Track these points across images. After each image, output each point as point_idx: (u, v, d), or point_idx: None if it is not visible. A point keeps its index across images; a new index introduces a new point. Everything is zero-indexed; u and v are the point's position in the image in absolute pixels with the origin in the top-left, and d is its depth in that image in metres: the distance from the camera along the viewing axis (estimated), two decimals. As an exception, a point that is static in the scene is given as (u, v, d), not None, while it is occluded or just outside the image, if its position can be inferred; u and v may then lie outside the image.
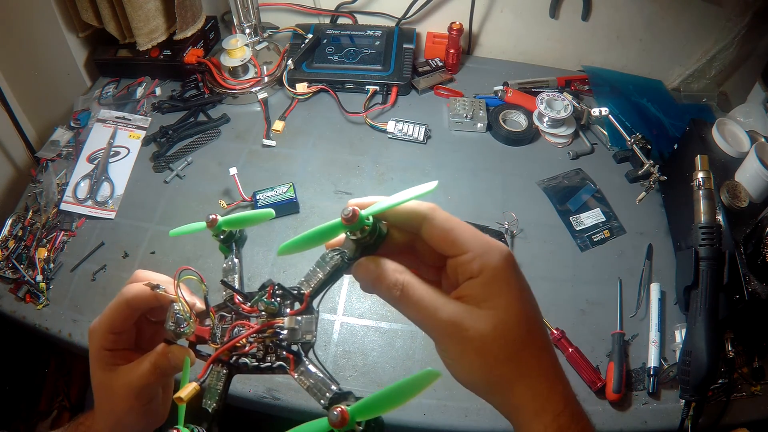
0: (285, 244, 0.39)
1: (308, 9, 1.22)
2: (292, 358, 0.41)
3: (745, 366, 0.77)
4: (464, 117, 1.06)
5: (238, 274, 0.49)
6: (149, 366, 0.46)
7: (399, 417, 0.72)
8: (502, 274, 0.38)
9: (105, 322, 0.47)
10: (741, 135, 0.91)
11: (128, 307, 0.47)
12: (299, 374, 0.41)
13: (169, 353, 0.46)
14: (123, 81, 1.15)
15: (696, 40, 1.13)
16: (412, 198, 0.39)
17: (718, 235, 0.75)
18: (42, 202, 0.94)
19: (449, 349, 0.38)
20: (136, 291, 0.47)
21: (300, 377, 0.41)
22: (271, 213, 0.48)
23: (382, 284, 0.38)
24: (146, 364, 0.47)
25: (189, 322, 0.44)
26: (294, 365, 0.41)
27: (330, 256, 0.41)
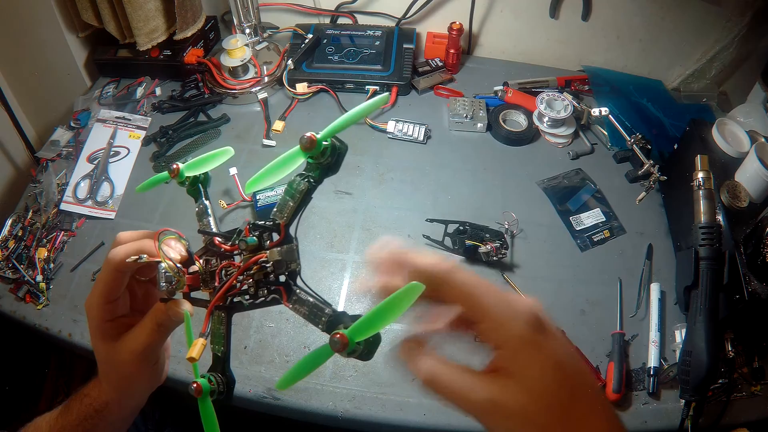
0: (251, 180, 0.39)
1: (308, 9, 1.22)
2: (283, 289, 0.42)
3: (745, 366, 0.77)
4: (464, 117, 1.06)
5: (212, 216, 0.50)
6: (151, 326, 0.47)
7: (399, 417, 0.72)
8: (529, 341, 0.36)
9: (100, 294, 0.48)
10: (741, 135, 0.91)
11: (117, 272, 0.47)
12: (293, 303, 0.42)
13: (168, 309, 0.46)
14: (123, 81, 1.15)
15: (696, 40, 1.13)
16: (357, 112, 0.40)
17: (718, 235, 0.75)
18: (42, 202, 0.94)
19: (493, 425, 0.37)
20: (122, 254, 0.46)
21: (294, 306, 0.42)
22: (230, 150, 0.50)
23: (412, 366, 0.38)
24: (148, 325, 0.47)
25: (179, 278, 0.45)
26: (287, 296, 0.42)
27: (297, 182, 0.42)
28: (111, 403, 0.52)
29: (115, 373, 0.50)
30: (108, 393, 0.52)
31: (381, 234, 0.91)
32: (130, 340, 0.48)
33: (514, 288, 0.84)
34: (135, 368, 0.49)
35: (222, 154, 0.50)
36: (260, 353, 0.77)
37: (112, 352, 0.48)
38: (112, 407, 0.52)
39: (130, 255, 0.46)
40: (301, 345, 0.78)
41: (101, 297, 0.48)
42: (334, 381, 0.75)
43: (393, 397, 0.74)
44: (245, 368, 0.76)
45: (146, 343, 0.47)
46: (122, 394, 0.52)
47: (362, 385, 0.75)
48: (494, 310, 0.37)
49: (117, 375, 0.50)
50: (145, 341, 0.47)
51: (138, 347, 0.47)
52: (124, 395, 0.52)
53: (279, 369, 0.76)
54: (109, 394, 0.52)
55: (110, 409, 0.52)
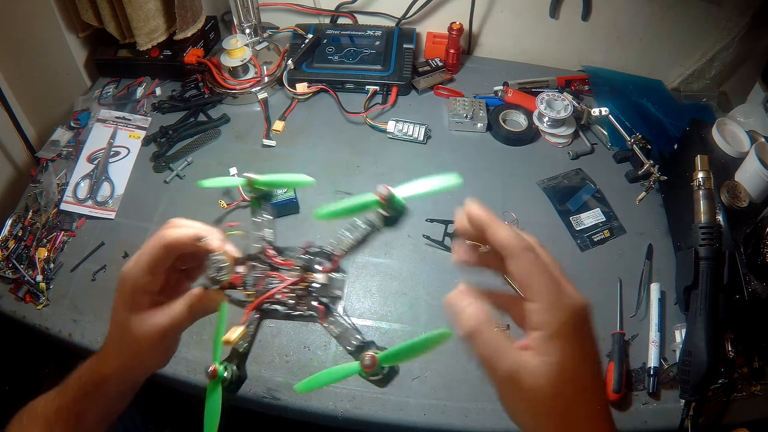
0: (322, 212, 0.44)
1: (308, 9, 1.22)
2: (322, 309, 0.47)
3: (745, 366, 0.77)
4: (464, 117, 1.06)
5: (271, 229, 0.53)
6: (183, 308, 0.49)
7: (399, 417, 0.72)
8: (566, 332, 0.39)
9: (143, 264, 0.49)
10: (741, 135, 0.91)
11: (166, 249, 0.49)
12: (328, 324, 0.47)
13: (206, 296, 0.49)
14: (123, 81, 1.15)
15: (696, 40, 1.13)
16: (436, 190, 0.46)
17: (718, 235, 0.75)
18: (42, 202, 0.94)
19: (505, 395, 0.40)
20: (176, 235, 0.49)
21: (329, 326, 0.47)
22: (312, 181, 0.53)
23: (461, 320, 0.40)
24: (180, 306, 0.49)
25: (229, 271, 0.49)
26: (324, 316, 0.47)
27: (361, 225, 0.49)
28: (112, 375, 0.52)
29: (128, 345, 0.51)
30: (110, 365, 0.52)
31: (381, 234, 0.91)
32: (157, 315, 0.49)
33: (514, 288, 0.84)
34: (151, 344, 0.49)
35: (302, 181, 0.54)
36: (260, 353, 0.77)
37: (134, 323, 0.49)
38: (111, 380, 0.52)
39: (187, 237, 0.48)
40: (301, 345, 0.78)
41: (144, 267, 0.49)
42: (334, 381, 0.75)
43: (393, 397, 0.74)
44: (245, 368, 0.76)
45: (173, 322, 0.49)
46: (126, 367, 0.52)
47: (362, 385, 0.75)
48: (546, 293, 0.39)
49: (130, 347, 0.51)
50: (172, 320, 0.49)
51: (163, 324, 0.49)
52: (127, 369, 0.52)
53: (279, 369, 0.76)
54: (111, 366, 0.52)
55: (109, 383, 0.52)
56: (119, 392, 0.53)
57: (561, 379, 0.38)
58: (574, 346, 0.39)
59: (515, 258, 0.41)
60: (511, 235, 0.42)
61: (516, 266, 0.41)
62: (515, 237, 0.42)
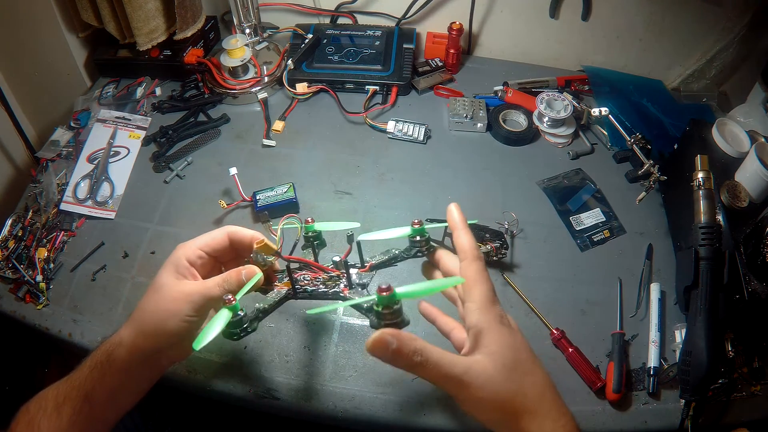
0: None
1: (308, 9, 1.22)
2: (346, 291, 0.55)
3: (745, 366, 0.77)
4: (464, 117, 1.06)
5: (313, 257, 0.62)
6: (218, 281, 0.54)
7: (399, 417, 0.72)
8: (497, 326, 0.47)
9: (199, 240, 0.57)
10: (741, 135, 0.91)
11: (225, 234, 0.57)
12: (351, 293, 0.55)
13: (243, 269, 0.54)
14: (123, 81, 1.15)
15: (696, 40, 1.13)
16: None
17: (718, 235, 0.75)
18: (42, 202, 0.94)
19: (467, 395, 0.45)
20: (238, 229, 0.58)
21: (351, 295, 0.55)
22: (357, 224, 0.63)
23: (402, 354, 0.44)
24: (215, 280, 0.54)
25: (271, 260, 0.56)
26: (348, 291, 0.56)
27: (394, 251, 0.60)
28: (124, 341, 0.54)
29: (155, 304, 0.54)
30: (127, 330, 0.54)
31: (381, 234, 0.91)
32: (190, 284, 0.54)
33: (514, 288, 0.84)
34: (177, 306, 0.52)
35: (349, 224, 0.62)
36: (260, 353, 0.77)
37: (170, 284, 0.54)
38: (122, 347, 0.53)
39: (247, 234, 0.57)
40: (301, 345, 0.78)
41: (200, 242, 0.57)
42: (334, 381, 0.75)
43: (393, 397, 0.74)
44: (245, 368, 0.76)
45: (203, 292, 0.53)
46: (141, 332, 0.54)
47: (362, 385, 0.75)
48: (482, 296, 0.48)
49: (157, 306, 0.53)
50: (204, 290, 0.53)
51: (194, 289, 0.53)
52: (141, 335, 0.53)
53: (279, 369, 0.76)
54: (128, 331, 0.54)
55: (120, 350, 0.53)
56: (130, 364, 0.53)
57: (506, 366, 0.46)
58: (507, 337, 0.47)
59: (468, 262, 0.50)
60: (471, 244, 0.51)
61: (466, 270, 0.49)
62: (473, 247, 0.50)
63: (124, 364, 0.53)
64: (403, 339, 0.44)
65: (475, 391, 0.44)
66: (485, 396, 0.45)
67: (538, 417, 0.45)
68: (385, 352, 0.43)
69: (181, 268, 0.55)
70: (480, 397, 0.45)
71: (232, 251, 0.59)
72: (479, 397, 0.45)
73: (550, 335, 0.79)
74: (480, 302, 0.48)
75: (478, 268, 0.49)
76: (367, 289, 0.56)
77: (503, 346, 0.46)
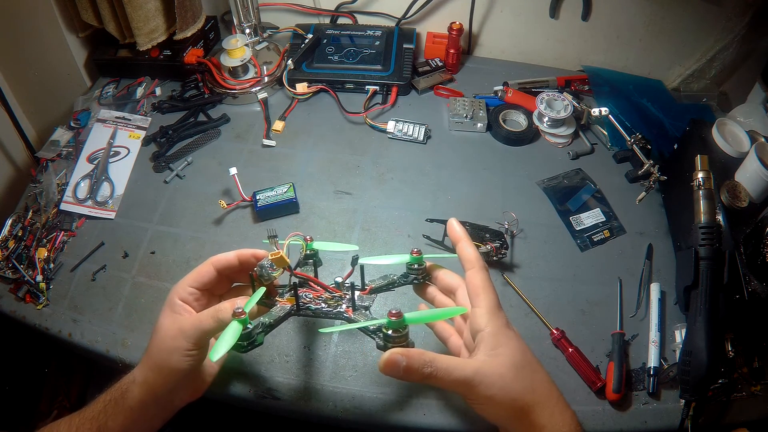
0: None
1: (308, 9, 1.22)
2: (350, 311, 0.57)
3: (745, 366, 0.77)
4: (464, 117, 1.06)
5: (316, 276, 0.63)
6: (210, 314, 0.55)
7: (399, 417, 0.72)
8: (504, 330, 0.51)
9: (188, 277, 0.59)
10: (741, 135, 0.91)
11: (210, 266, 0.59)
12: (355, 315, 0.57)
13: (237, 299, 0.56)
14: (123, 81, 1.15)
15: (696, 40, 1.13)
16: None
17: (718, 235, 0.75)
18: (42, 202, 0.94)
19: (479, 394, 0.48)
20: (221, 256, 0.59)
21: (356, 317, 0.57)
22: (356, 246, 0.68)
23: (412, 369, 0.47)
24: (207, 313, 0.55)
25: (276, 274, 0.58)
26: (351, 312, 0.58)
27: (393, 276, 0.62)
28: (137, 380, 0.56)
29: (157, 343, 0.56)
30: (139, 371, 0.56)
31: (381, 234, 0.91)
32: (185, 319, 0.56)
33: (514, 288, 0.84)
34: (175, 343, 0.54)
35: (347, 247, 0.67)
36: (260, 353, 0.77)
37: (166, 323, 0.56)
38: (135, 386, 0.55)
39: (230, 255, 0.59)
40: (301, 345, 0.78)
41: (188, 280, 0.58)
42: (334, 381, 0.75)
43: (393, 397, 0.74)
44: (245, 368, 0.76)
45: (197, 325, 0.54)
46: (151, 368, 0.55)
47: (362, 385, 0.75)
48: (489, 302, 0.52)
49: (158, 345, 0.55)
50: (197, 323, 0.54)
51: (188, 326, 0.54)
52: (152, 371, 0.55)
53: (279, 369, 0.76)
54: (139, 371, 0.56)
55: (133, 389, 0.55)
56: (142, 402, 0.55)
57: (515, 365, 0.49)
58: (514, 340, 0.51)
59: (475, 271, 0.53)
60: (477, 254, 0.54)
61: (473, 278, 0.53)
62: (479, 258, 0.54)
63: (137, 402, 0.55)
64: (412, 355, 0.47)
65: (486, 390, 0.47)
66: (496, 393, 0.48)
67: (547, 410, 0.49)
68: (397, 371, 0.47)
69: (175, 307, 0.57)
70: (490, 395, 0.48)
71: (223, 280, 0.61)
72: (490, 395, 0.48)
73: (550, 335, 0.79)
74: (487, 308, 0.51)
75: (484, 277, 0.53)
76: (369, 310, 0.58)
77: (512, 348, 0.50)
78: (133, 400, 0.55)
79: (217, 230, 0.91)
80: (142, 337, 0.79)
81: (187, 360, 0.54)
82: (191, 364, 0.55)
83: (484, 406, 0.49)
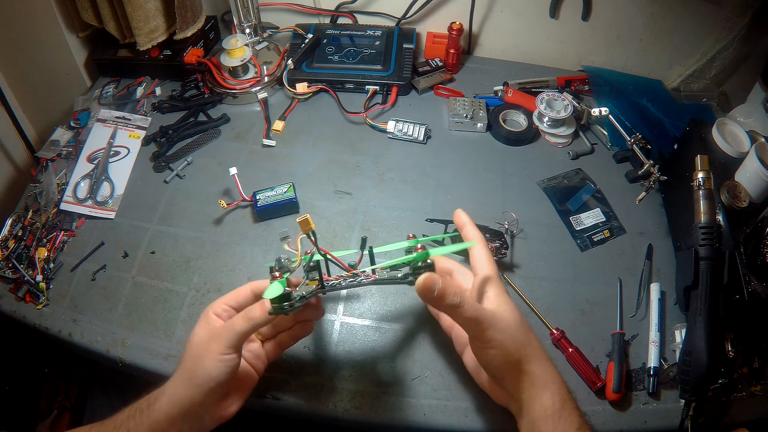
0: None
1: (308, 9, 1.22)
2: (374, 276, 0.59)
3: (745, 366, 0.77)
4: (464, 117, 1.06)
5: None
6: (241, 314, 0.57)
7: (399, 417, 0.72)
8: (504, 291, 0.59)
9: (226, 296, 0.61)
10: (741, 135, 0.91)
11: (250, 290, 0.62)
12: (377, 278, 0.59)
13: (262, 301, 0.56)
14: (123, 81, 1.15)
15: (696, 40, 1.13)
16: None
17: (718, 235, 0.75)
18: (42, 202, 0.94)
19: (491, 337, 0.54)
20: (259, 282, 0.62)
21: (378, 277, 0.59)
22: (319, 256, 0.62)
23: (445, 293, 0.52)
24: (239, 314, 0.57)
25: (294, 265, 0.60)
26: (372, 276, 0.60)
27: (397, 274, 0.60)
28: (166, 390, 0.56)
29: (189, 353, 0.57)
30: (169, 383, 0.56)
31: (381, 234, 0.91)
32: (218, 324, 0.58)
33: (514, 288, 0.84)
34: (204, 348, 0.55)
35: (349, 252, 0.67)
36: (260, 353, 0.77)
37: (200, 334, 0.58)
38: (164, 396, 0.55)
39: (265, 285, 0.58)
40: (301, 345, 0.78)
41: (227, 296, 0.61)
42: (334, 381, 0.75)
43: (393, 397, 0.74)
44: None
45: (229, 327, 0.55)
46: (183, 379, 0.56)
47: (362, 385, 0.75)
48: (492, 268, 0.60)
49: (190, 354, 0.57)
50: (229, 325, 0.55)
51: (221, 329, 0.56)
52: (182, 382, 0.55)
53: (279, 369, 0.75)
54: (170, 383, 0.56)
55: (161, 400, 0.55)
56: (168, 415, 0.54)
57: (518, 321, 0.57)
58: (513, 303, 0.58)
59: (479, 247, 0.61)
60: (478, 234, 0.62)
61: (478, 252, 0.61)
62: (481, 237, 0.62)
63: (163, 414, 0.54)
64: (447, 281, 0.52)
65: (499, 333, 0.54)
66: (505, 339, 0.54)
67: (541, 364, 0.57)
68: (431, 293, 0.51)
69: (210, 320, 0.59)
70: (501, 339, 0.54)
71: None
72: (501, 339, 0.54)
73: (550, 335, 0.79)
74: (491, 275, 0.58)
75: (488, 252, 0.61)
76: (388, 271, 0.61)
77: (513, 308, 0.57)
78: (159, 412, 0.54)
79: (217, 230, 0.91)
80: (142, 337, 0.79)
81: (221, 365, 0.54)
82: (224, 370, 0.54)
83: (491, 351, 0.55)
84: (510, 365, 0.55)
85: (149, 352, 0.78)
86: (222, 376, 0.54)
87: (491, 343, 0.54)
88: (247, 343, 0.64)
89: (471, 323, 0.54)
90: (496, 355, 0.55)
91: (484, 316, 0.53)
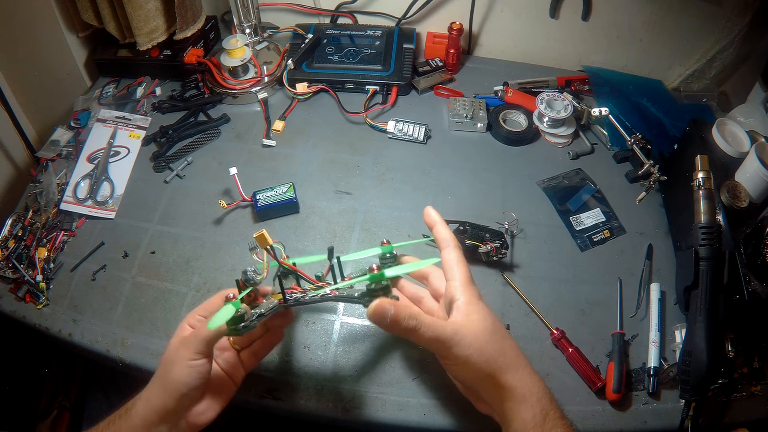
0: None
1: (308, 9, 1.22)
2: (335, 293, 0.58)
3: (745, 366, 0.77)
4: (464, 117, 1.06)
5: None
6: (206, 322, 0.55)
7: (399, 417, 0.72)
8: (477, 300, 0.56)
9: (198, 308, 0.62)
10: (741, 135, 0.91)
11: (220, 298, 0.60)
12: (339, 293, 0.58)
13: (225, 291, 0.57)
14: (123, 81, 1.15)
15: (696, 40, 1.13)
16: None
17: (718, 235, 0.75)
18: (42, 202, 0.94)
19: (457, 354, 0.52)
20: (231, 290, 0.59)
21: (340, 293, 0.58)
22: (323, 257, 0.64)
23: (399, 319, 0.51)
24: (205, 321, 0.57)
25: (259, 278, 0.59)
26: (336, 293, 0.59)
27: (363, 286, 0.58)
28: (142, 396, 0.56)
29: (162, 361, 0.57)
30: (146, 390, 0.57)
31: (381, 234, 0.91)
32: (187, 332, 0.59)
33: (514, 288, 0.84)
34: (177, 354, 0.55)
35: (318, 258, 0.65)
36: (260, 353, 0.77)
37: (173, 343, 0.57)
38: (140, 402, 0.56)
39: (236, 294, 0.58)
40: (301, 345, 0.78)
41: (199, 309, 0.61)
42: (334, 381, 0.75)
43: (393, 397, 0.74)
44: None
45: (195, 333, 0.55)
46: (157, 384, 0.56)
47: (362, 385, 0.75)
48: (463, 275, 0.57)
49: (163, 361, 0.57)
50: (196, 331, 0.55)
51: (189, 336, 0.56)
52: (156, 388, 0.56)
53: (279, 369, 0.76)
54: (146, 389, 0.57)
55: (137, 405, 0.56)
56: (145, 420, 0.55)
57: (488, 330, 0.54)
58: (485, 309, 0.56)
59: (450, 249, 0.59)
60: (449, 235, 0.60)
61: (448, 255, 0.58)
62: (451, 237, 0.59)
63: (140, 419, 0.55)
64: (400, 306, 0.51)
65: (464, 350, 0.52)
66: (472, 354, 0.52)
67: (517, 373, 0.54)
68: (384, 319, 0.50)
69: (184, 330, 0.60)
70: (467, 355, 0.52)
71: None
72: (467, 355, 0.52)
73: (550, 335, 0.79)
74: (461, 280, 0.56)
75: (458, 255, 0.58)
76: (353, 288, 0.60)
77: (485, 315, 0.55)
78: (136, 417, 0.55)
79: (217, 230, 0.91)
80: (142, 337, 0.79)
81: (190, 371, 0.54)
82: (194, 375, 0.54)
83: (459, 367, 0.53)
84: (482, 379, 0.53)
85: (149, 352, 0.78)
86: (192, 381, 0.54)
87: (458, 359, 0.53)
88: (222, 352, 0.63)
89: (432, 344, 0.52)
90: (466, 371, 0.54)
91: (445, 335, 0.51)
